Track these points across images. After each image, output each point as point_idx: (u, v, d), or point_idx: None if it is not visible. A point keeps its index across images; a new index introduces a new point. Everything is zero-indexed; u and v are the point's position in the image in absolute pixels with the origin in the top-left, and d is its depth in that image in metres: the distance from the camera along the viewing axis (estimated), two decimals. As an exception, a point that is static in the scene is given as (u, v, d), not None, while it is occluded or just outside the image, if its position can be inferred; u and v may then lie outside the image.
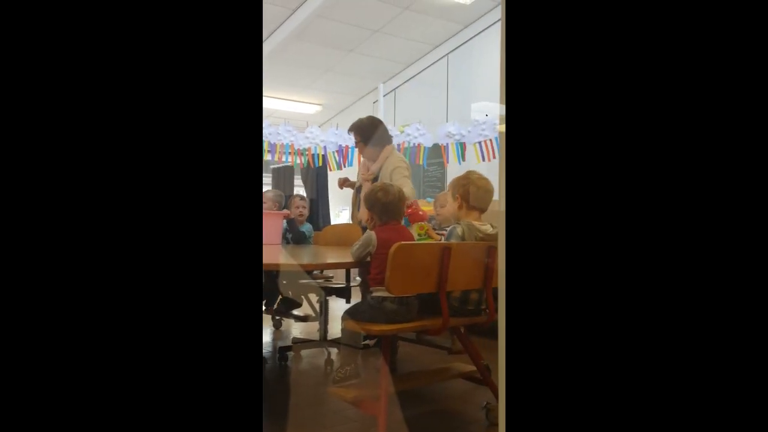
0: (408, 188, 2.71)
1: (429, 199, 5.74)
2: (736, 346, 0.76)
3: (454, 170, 5.27)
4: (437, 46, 6.00)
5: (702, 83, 0.79)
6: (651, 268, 0.80)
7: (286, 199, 3.60)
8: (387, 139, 2.85)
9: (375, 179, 2.82)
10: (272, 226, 2.99)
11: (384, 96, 6.50)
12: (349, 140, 5.24)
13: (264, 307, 3.34)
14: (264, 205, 3.44)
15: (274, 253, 2.42)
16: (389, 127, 5.47)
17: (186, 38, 0.85)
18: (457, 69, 5.82)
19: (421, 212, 3.05)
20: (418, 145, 5.35)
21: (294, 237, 3.42)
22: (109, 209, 0.83)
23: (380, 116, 6.55)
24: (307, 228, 3.42)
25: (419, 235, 3.00)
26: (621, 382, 0.80)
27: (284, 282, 3.13)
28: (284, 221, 3.27)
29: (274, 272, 2.85)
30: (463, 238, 2.07)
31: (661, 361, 0.79)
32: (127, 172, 0.83)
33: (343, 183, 3.01)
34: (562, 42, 0.85)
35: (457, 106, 5.70)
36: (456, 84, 5.80)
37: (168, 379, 0.83)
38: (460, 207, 2.17)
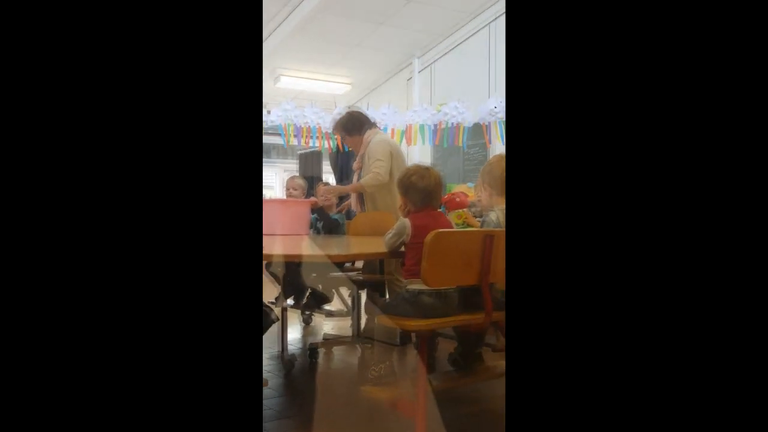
0: (376, 173, 2.96)
1: (470, 184, 5.71)
2: (735, 343, 0.82)
3: (498, 152, 5.22)
4: (477, 15, 5.92)
5: (702, 72, 0.86)
6: (652, 268, 0.86)
7: (313, 183, 3.63)
8: (366, 125, 3.17)
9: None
10: (296, 215, 3.03)
11: (419, 72, 6.48)
12: (381, 120, 5.26)
13: (292, 302, 3.39)
14: (293, 193, 3.49)
15: (297, 243, 2.46)
16: (425, 105, 5.48)
17: (183, 27, 0.92)
18: (500, 39, 5.73)
19: (458, 199, 3.04)
20: (458, 125, 5.31)
21: (325, 226, 3.46)
22: (105, 204, 0.89)
23: (415, 94, 6.56)
24: (339, 216, 3.45)
25: (457, 224, 3.00)
26: (623, 383, 0.86)
27: (313, 275, 3.17)
28: (312, 210, 3.30)
29: (296, 264, 2.89)
30: (499, 224, 2.06)
31: (662, 361, 0.85)
32: (120, 163, 0.89)
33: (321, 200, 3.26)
34: (564, 38, 0.92)
35: (501, 81, 5.63)
36: (499, 56, 5.72)
37: (164, 376, 0.88)
38: (489, 194, 2.17)
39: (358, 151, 3.21)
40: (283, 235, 2.90)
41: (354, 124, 3.19)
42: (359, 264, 3.25)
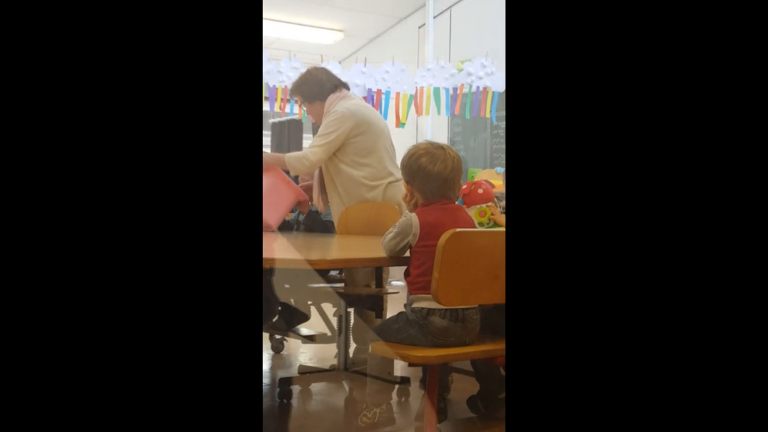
0: (303, 155, 3.03)
1: (499, 169, 5.71)
2: (735, 343, 1.05)
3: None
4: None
5: (702, 72, 1.10)
6: (653, 269, 1.09)
7: None
8: (328, 87, 3.16)
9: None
10: (270, 195, 3.03)
11: (434, 17, 6.47)
12: (382, 81, 5.25)
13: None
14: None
15: (267, 243, 2.46)
16: (442, 62, 5.48)
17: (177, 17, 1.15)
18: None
19: (481, 190, 3.02)
20: (484, 89, 5.31)
21: (307, 222, 3.45)
22: (99, 198, 1.11)
23: (428, 47, 6.56)
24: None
25: (480, 223, 2.98)
26: (624, 384, 1.08)
27: (286, 286, 3.17)
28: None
29: (266, 271, 2.89)
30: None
31: (662, 362, 1.08)
32: (116, 161, 1.12)
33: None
34: (564, 37, 1.14)
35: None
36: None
37: (162, 377, 1.10)
38: None
39: (316, 118, 3.22)
40: None
41: (312, 87, 3.18)
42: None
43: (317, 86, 3.16)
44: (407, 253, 2.03)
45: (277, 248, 2.29)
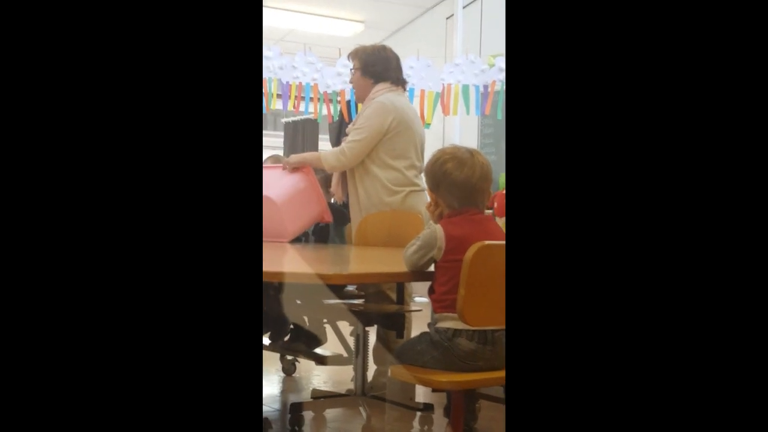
0: (340, 151, 3.06)
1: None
2: (735, 345, 1.13)
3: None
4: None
5: (702, 60, 1.17)
6: (654, 273, 1.16)
7: None
8: (389, 74, 3.18)
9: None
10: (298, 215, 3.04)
11: (464, 7, 6.46)
12: (406, 78, 5.23)
13: (268, 341, 3.39)
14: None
15: (274, 254, 2.45)
16: (471, 56, 5.46)
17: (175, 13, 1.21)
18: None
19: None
20: (518, 86, 5.29)
21: (317, 232, 3.45)
22: (96, 197, 1.17)
23: (457, 40, 6.55)
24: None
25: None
26: (624, 385, 1.16)
27: (298, 302, 3.16)
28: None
29: (274, 287, 2.89)
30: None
31: (662, 366, 1.15)
32: (113, 160, 1.19)
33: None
34: (565, 36, 1.22)
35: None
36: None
37: (160, 380, 1.17)
38: None
39: (361, 102, 3.25)
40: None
41: (378, 64, 3.19)
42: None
43: (383, 65, 3.20)
44: (431, 268, 2.03)
45: (287, 261, 2.28)
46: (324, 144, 7.87)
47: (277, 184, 3.07)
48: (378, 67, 3.17)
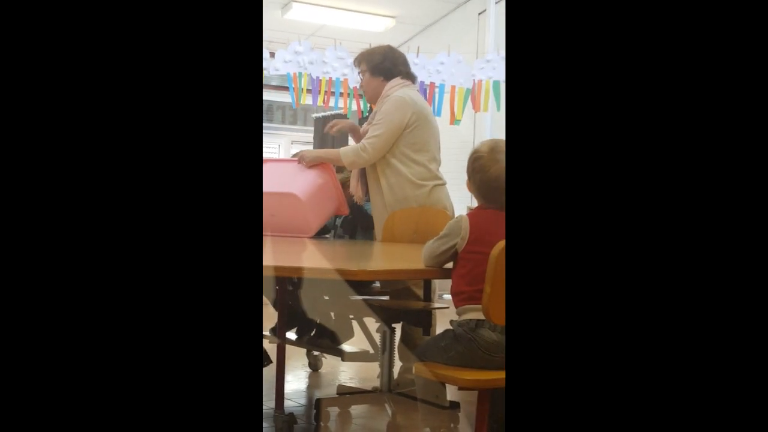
0: (361, 147, 3.08)
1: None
2: (735, 345, 1.16)
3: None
4: None
5: (701, 60, 1.20)
6: (655, 274, 1.19)
7: None
8: (398, 70, 3.19)
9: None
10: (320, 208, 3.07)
11: (496, 3, 6.45)
12: (437, 74, 5.26)
13: (295, 336, 3.42)
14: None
15: (297, 250, 2.47)
16: (503, 52, 5.45)
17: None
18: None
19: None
20: (551, 82, 5.28)
21: (346, 225, 3.47)
22: (95, 196, 1.20)
23: (489, 36, 6.54)
24: (369, 207, 3.47)
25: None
26: (625, 386, 1.19)
27: (326, 298, 3.19)
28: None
29: (303, 282, 2.92)
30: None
31: (662, 367, 1.18)
32: (111, 159, 1.22)
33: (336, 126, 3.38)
34: (565, 35, 1.26)
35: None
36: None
37: (159, 379, 1.20)
38: None
39: (374, 103, 3.26)
40: (277, 235, 2.92)
41: (385, 62, 3.22)
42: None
43: (390, 62, 3.22)
44: (449, 264, 2.04)
45: (310, 256, 2.31)
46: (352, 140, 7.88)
47: (299, 180, 3.12)
48: (387, 63, 3.21)
